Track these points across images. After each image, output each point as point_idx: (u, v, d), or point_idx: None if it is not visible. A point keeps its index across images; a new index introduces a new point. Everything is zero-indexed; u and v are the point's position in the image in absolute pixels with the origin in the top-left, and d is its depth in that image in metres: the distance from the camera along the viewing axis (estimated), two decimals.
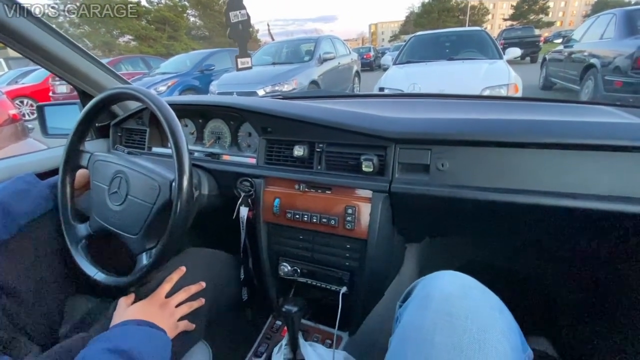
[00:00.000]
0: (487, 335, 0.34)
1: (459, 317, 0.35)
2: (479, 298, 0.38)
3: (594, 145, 0.54)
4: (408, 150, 0.66)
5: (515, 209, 0.58)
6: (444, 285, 0.40)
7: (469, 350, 0.33)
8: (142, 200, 0.68)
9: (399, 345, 0.37)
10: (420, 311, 0.38)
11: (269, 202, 0.78)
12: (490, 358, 0.32)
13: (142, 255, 0.68)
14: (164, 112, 0.64)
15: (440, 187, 0.62)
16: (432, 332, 0.35)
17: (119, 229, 0.71)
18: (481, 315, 0.36)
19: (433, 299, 0.38)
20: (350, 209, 0.70)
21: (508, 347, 0.34)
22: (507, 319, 0.37)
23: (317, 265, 0.77)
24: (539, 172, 0.58)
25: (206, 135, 0.97)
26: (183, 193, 0.61)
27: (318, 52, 4.79)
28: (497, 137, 0.59)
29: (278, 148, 0.80)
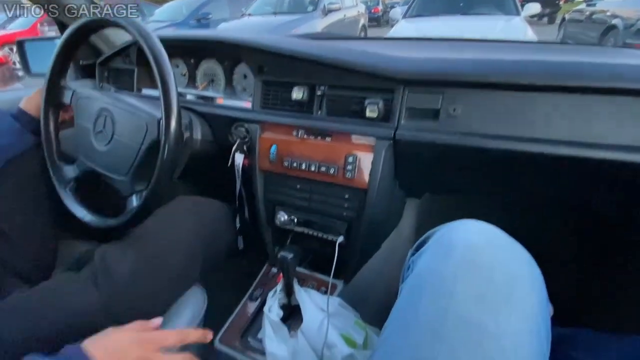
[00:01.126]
0: (515, 287, 0.31)
1: (484, 267, 0.32)
2: (507, 249, 0.34)
3: (621, 90, 0.49)
4: (418, 93, 0.60)
5: (529, 159, 0.54)
6: (468, 233, 0.36)
7: (494, 301, 0.30)
8: (129, 140, 0.64)
9: (412, 292, 0.34)
10: (440, 259, 0.34)
11: (265, 149, 0.74)
12: (517, 310, 0.30)
13: (132, 197, 0.65)
14: (148, 40, 0.57)
15: (449, 135, 0.58)
16: (453, 280, 0.31)
17: (107, 170, 0.67)
18: (509, 267, 0.32)
19: (455, 247, 0.35)
20: (351, 158, 0.66)
21: (536, 301, 0.31)
22: (535, 272, 0.34)
23: (314, 215, 0.75)
24: (558, 119, 0.53)
25: (199, 77, 0.90)
26: (171, 132, 0.57)
27: (322, 2, 4.46)
28: (515, 79, 0.54)
29: (275, 90, 0.74)
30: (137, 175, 0.64)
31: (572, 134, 0.52)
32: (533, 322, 0.30)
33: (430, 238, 0.40)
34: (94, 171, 0.70)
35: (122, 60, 0.94)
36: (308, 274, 0.79)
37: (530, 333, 0.29)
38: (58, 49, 0.71)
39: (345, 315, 0.68)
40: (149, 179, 0.60)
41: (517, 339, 0.28)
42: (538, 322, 0.30)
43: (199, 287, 0.71)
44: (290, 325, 0.64)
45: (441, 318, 0.29)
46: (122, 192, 0.66)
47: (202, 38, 0.82)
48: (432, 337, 0.29)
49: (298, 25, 4.03)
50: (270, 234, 0.82)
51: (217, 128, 0.81)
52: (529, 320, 0.30)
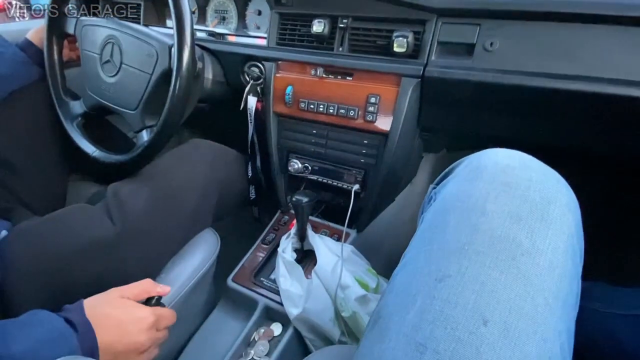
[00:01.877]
0: (551, 207, 0.29)
1: (518, 187, 0.30)
2: (541, 171, 0.32)
3: None
4: (452, 25, 0.55)
5: (571, 99, 0.50)
6: (499, 157, 0.33)
7: (530, 219, 0.28)
8: (139, 70, 0.60)
9: (437, 216, 0.32)
10: (469, 182, 0.32)
11: (280, 90, 0.70)
12: (553, 229, 0.28)
13: (142, 132, 0.62)
14: None
15: (484, 72, 0.53)
16: (484, 200, 0.29)
17: (116, 104, 0.64)
18: (544, 187, 0.30)
19: (486, 169, 0.32)
20: (374, 98, 0.62)
21: (573, 222, 0.29)
22: (571, 195, 0.32)
23: (329, 163, 0.72)
24: (607, 55, 0.48)
25: (209, 14, 0.84)
26: (184, 59, 0.53)
27: None
28: (562, 8, 0.48)
29: (293, 24, 0.68)
30: (148, 109, 0.61)
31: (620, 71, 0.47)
32: (569, 242, 0.28)
33: (455, 168, 0.37)
34: (102, 106, 0.67)
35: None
36: (321, 222, 0.78)
37: (565, 252, 0.28)
38: None
39: (357, 262, 0.67)
40: (159, 114, 0.57)
41: (552, 257, 0.27)
42: (573, 244, 0.29)
43: (211, 230, 0.70)
44: (304, 267, 0.64)
45: (470, 235, 0.28)
46: (132, 127, 0.63)
47: None
48: (460, 253, 0.27)
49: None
50: (284, 183, 0.80)
51: (229, 67, 0.77)
52: (565, 240, 0.28)
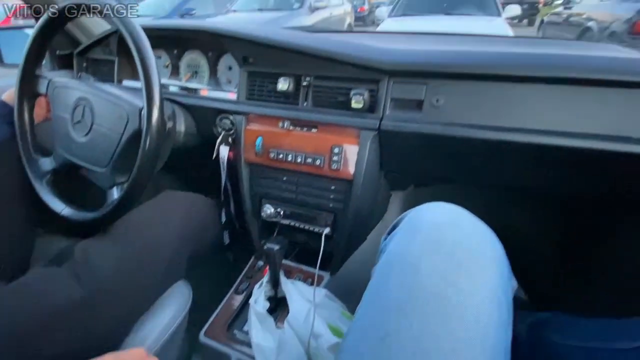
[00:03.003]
0: (476, 262, 0.33)
1: (447, 244, 0.34)
2: (469, 227, 0.36)
3: (595, 81, 0.51)
4: (402, 84, 0.61)
5: (509, 148, 0.56)
6: (433, 214, 0.38)
7: (456, 277, 0.31)
8: (110, 130, 0.62)
9: (383, 272, 0.36)
10: (408, 239, 0.36)
11: (250, 141, 0.73)
12: (477, 284, 0.31)
13: (112, 189, 0.63)
14: (128, 26, 0.56)
15: (433, 125, 0.59)
16: (419, 258, 0.33)
17: (86, 161, 0.65)
18: (471, 243, 0.34)
19: (422, 227, 0.36)
20: (337, 149, 0.66)
21: (496, 276, 0.33)
22: (496, 248, 0.36)
23: (301, 207, 0.75)
24: (538, 109, 0.55)
25: (182, 68, 0.89)
26: (153, 121, 0.55)
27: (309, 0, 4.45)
28: (497, 70, 0.55)
29: (261, 81, 0.73)
30: (118, 166, 0.62)
31: (551, 123, 0.54)
32: (493, 293, 0.31)
33: (400, 222, 0.41)
34: (73, 163, 0.67)
35: (101, 50, 0.91)
36: (294, 266, 0.79)
37: (491, 303, 0.31)
38: (33, 36, 0.68)
39: (331, 307, 0.68)
40: (129, 171, 0.58)
41: (478, 310, 0.30)
42: (498, 294, 0.32)
43: (184, 282, 0.70)
44: (277, 316, 0.64)
45: (407, 294, 0.31)
46: (102, 185, 0.64)
47: (186, 27, 0.80)
48: (399, 312, 0.30)
49: (284, 22, 4.00)
50: (257, 227, 0.81)
51: (201, 120, 0.80)
52: (489, 293, 0.31)
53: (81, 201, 0.69)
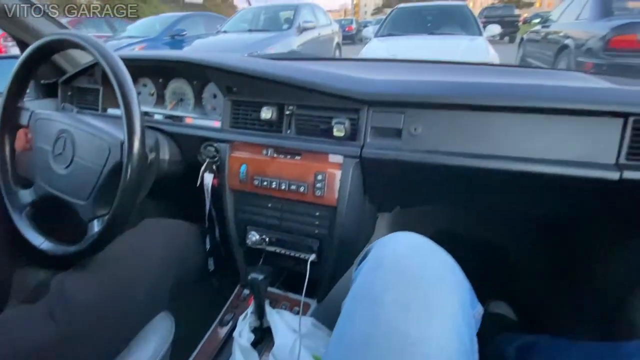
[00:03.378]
0: (435, 293, 0.33)
1: (408, 275, 0.35)
2: (430, 256, 0.38)
3: (564, 110, 0.54)
4: (381, 113, 0.63)
5: (486, 174, 0.57)
6: (396, 245, 0.39)
7: (416, 308, 0.32)
8: (91, 163, 0.62)
9: (350, 306, 0.37)
10: (373, 271, 0.37)
11: (235, 169, 0.74)
12: (437, 314, 0.32)
13: (93, 222, 0.62)
14: (110, 61, 0.57)
15: (412, 152, 0.60)
16: (383, 291, 0.34)
17: (67, 194, 0.65)
18: (431, 273, 0.35)
19: (385, 259, 0.38)
20: (320, 175, 0.67)
21: (456, 304, 0.34)
22: (457, 276, 0.37)
23: (285, 234, 0.74)
24: (510, 136, 0.57)
25: (167, 96, 0.90)
26: (134, 154, 0.55)
27: (297, 21, 4.57)
28: (470, 100, 0.57)
29: (245, 110, 0.74)
30: (99, 199, 0.62)
31: (522, 150, 0.56)
32: (454, 324, 0.32)
33: (369, 252, 0.42)
34: (53, 195, 0.67)
35: (86, 79, 0.92)
36: (281, 294, 0.78)
37: (451, 334, 0.31)
38: (16, 69, 0.68)
39: (318, 335, 0.67)
40: (111, 203, 0.58)
41: (438, 343, 0.30)
42: (459, 324, 0.33)
43: (166, 314, 0.68)
44: (262, 348, 0.63)
45: (372, 329, 0.32)
46: (83, 218, 0.63)
47: (170, 58, 0.82)
48: (363, 346, 0.31)
49: (273, 43, 4.09)
50: (242, 255, 0.80)
51: (185, 148, 0.80)
52: (450, 323, 0.32)
53: (61, 234, 0.67)
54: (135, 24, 6.18)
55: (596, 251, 0.76)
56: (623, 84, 0.61)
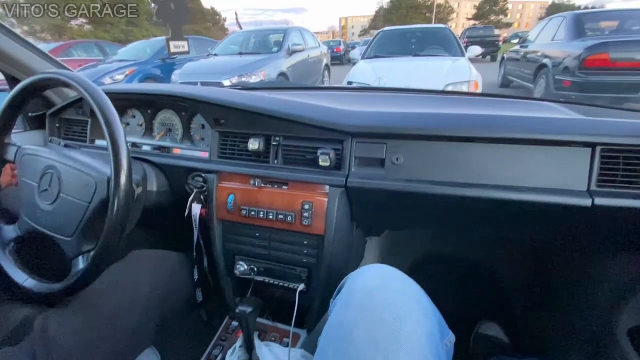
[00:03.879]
0: (403, 326, 0.34)
1: (377, 309, 0.36)
2: (397, 289, 0.39)
3: (536, 140, 0.56)
4: (364, 144, 0.65)
5: (466, 202, 0.59)
6: (365, 279, 0.41)
7: (385, 342, 0.33)
8: (77, 199, 0.62)
9: (324, 343, 0.38)
10: (344, 307, 0.38)
11: (223, 199, 0.74)
12: (405, 348, 0.33)
13: (78, 259, 0.61)
14: (96, 98, 0.58)
15: (395, 182, 0.62)
16: (353, 327, 0.35)
17: (52, 230, 0.64)
18: (398, 306, 0.36)
19: (355, 293, 0.39)
20: (307, 205, 0.68)
21: (423, 336, 0.35)
22: (424, 307, 0.38)
23: (274, 263, 0.74)
24: (488, 165, 0.59)
25: (156, 127, 0.91)
26: (121, 191, 0.56)
27: (287, 44, 4.69)
28: (447, 132, 0.60)
29: (232, 141, 0.76)
30: (85, 235, 0.61)
31: (500, 179, 0.58)
32: (422, 355, 0.33)
33: (344, 285, 0.44)
34: (37, 231, 0.66)
35: (74, 111, 0.93)
36: (270, 325, 0.77)
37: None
38: (4, 106, 0.69)
39: None
40: (97, 239, 0.58)
41: None
42: (427, 355, 0.34)
43: (152, 350, 0.67)
44: None
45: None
46: (68, 254, 0.62)
47: (159, 92, 0.83)
48: None
49: (264, 65, 4.18)
50: (230, 285, 0.80)
51: (173, 179, 0.81)
52: (417, 354, 0.33)
53: (45, 270, 0.66)
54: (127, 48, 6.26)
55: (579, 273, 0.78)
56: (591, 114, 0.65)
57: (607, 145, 0.53)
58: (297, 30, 5.31)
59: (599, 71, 3.42)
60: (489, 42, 10.85)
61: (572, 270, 0.80)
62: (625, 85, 3.32)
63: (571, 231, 0.64)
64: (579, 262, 0.77)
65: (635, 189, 0.53)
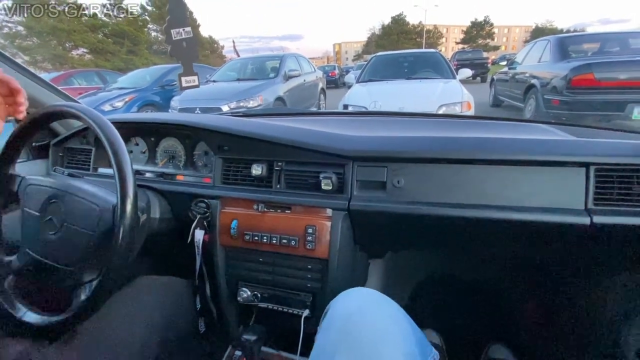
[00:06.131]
0: (380, 348, 0.35)
1: (355, 333, 0.37)
2: (376, 312, 0.40)
3: (531, 161, 0.58)
4: (365, 167, 0.66)
5: (467, 222, 0.60)
6: (346, 303, 0.42)
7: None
8: (81, 228, 0.62)
9: None
10: (326, 332, 0.40)
11: (226, 224, 0.75)
12: None
13: (79, 289, 0.61)
14: (105, 130, 0.59)
15: (396, 204, 0.63)
16: (333, 353, 0.36)
17: (54, 260, 0.64)
18: (376, 329, 0.37)
19: (335, 318, 0.40)
20: (311, 229, 0.69)
21: (401, 356, 0.35)
22: (402, 328, 0.39)
23: (278, 289, 0.74)
24: (487, 186, 0.60)
25: (159, 154, 0.92)
26: (126, 218, 0.56)
27: (283, 69, 4.84)
28: (446, 155, 0.61)
29: (235, 167, 0.77)
30: (87, 265, 0.61)
31: (499, 199, 0.59)
32: None
33: (327, 311, 0.45)
34: (38, 262, 0.65)
35: (79, 140, 0.94)
36: (274, 353, 0.75)
37: None
38: (11, 137, 0.70)
39: None
40: (100, 269, 0.57)
41: None
42: None
43: None
44: None
45: None
46: (69, 284, 0.61)
47: (163, 121, 0.85)
48: None
49: (261, 90, 4.28)
50: (233, 312, 0.78)
51: (176, 205, 0.81)
52: None
53: (44, 302, 0.65)
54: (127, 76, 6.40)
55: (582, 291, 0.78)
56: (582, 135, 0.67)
57: (600, 165, 0.55)
58: (292, 57, 5.49)
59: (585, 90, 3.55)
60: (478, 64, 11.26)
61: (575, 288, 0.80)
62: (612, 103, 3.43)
63: (572, 249, 0.65)
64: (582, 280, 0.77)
65: (631, 206, 0.55)
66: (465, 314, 0.96)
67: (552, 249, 0.67)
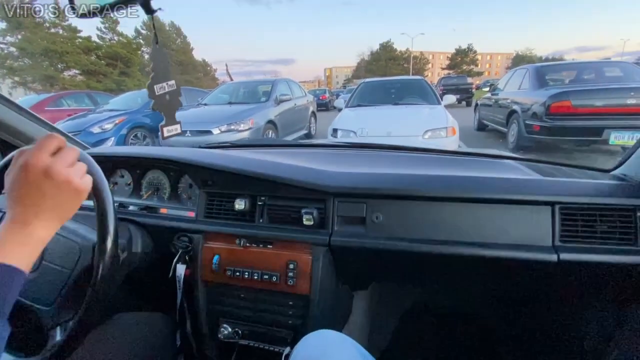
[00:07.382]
0: None
1: None
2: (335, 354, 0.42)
3: (501, 200, 0.61)
4: (345, 203, 0.68)
5: (441, 258, 0.62)
6: (306, 348, 0.44)
7: None
8: (59, 266, 0.61)
9: None
10: None
11: (207, 259, 0.75)
12: None
13: (55, 329, 0.59)
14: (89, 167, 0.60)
15: (374, 240, 0.65)
16: None
17: (29, 299, 0.62)
18: None
19: None
20: (292, 264, 0.69)
21: None
22: None
23: (259, 325, 0.73)
24: (461, 223, 0.63)
25: (144, 186, 0.92)
26: (106, 257, 0.56)
27: (275, 94, 4.95)
28: (422, 192, 0.64)
29: (219, 201, 0.78)
30: (64, 304, 0.60)
31: (472, 236, 0.62)
32: None
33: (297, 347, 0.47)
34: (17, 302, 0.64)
35: None
36: None
37: None
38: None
39: None
40: (77, 308, 0.56)
41: None
42: None
43: None
44: None
45: None
46: (45, 324, 0.60)
47: (147, 155, 0.87)
48: None
49: (252, 114, 4.35)
50: (214, 350, 0.77)
51: (158, 238, 0.81)
52: None
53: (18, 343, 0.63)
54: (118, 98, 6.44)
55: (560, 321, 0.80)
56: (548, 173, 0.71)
57: (564, 204, 0.58)
58: (284, 81, 5.63)
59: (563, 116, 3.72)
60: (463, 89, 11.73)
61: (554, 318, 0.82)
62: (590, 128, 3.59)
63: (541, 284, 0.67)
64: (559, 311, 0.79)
65: (595, 243, 0.57)
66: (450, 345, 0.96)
67: (523, 283, 0.69)
